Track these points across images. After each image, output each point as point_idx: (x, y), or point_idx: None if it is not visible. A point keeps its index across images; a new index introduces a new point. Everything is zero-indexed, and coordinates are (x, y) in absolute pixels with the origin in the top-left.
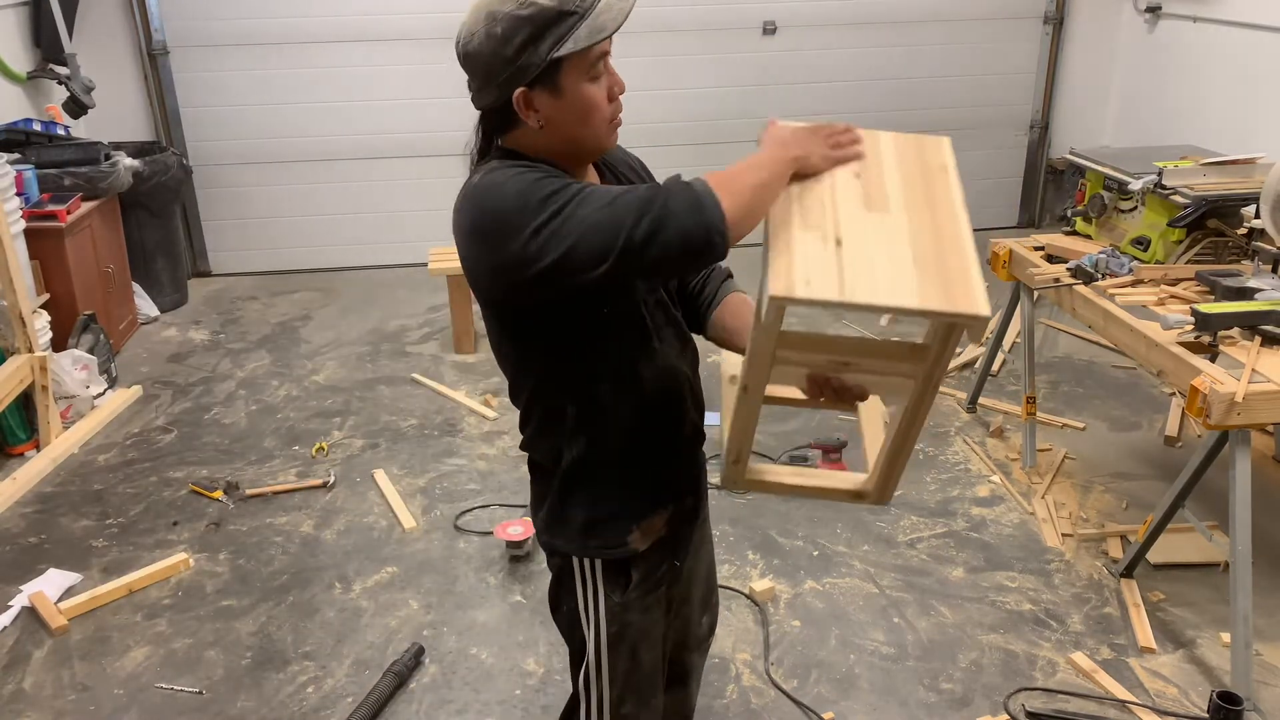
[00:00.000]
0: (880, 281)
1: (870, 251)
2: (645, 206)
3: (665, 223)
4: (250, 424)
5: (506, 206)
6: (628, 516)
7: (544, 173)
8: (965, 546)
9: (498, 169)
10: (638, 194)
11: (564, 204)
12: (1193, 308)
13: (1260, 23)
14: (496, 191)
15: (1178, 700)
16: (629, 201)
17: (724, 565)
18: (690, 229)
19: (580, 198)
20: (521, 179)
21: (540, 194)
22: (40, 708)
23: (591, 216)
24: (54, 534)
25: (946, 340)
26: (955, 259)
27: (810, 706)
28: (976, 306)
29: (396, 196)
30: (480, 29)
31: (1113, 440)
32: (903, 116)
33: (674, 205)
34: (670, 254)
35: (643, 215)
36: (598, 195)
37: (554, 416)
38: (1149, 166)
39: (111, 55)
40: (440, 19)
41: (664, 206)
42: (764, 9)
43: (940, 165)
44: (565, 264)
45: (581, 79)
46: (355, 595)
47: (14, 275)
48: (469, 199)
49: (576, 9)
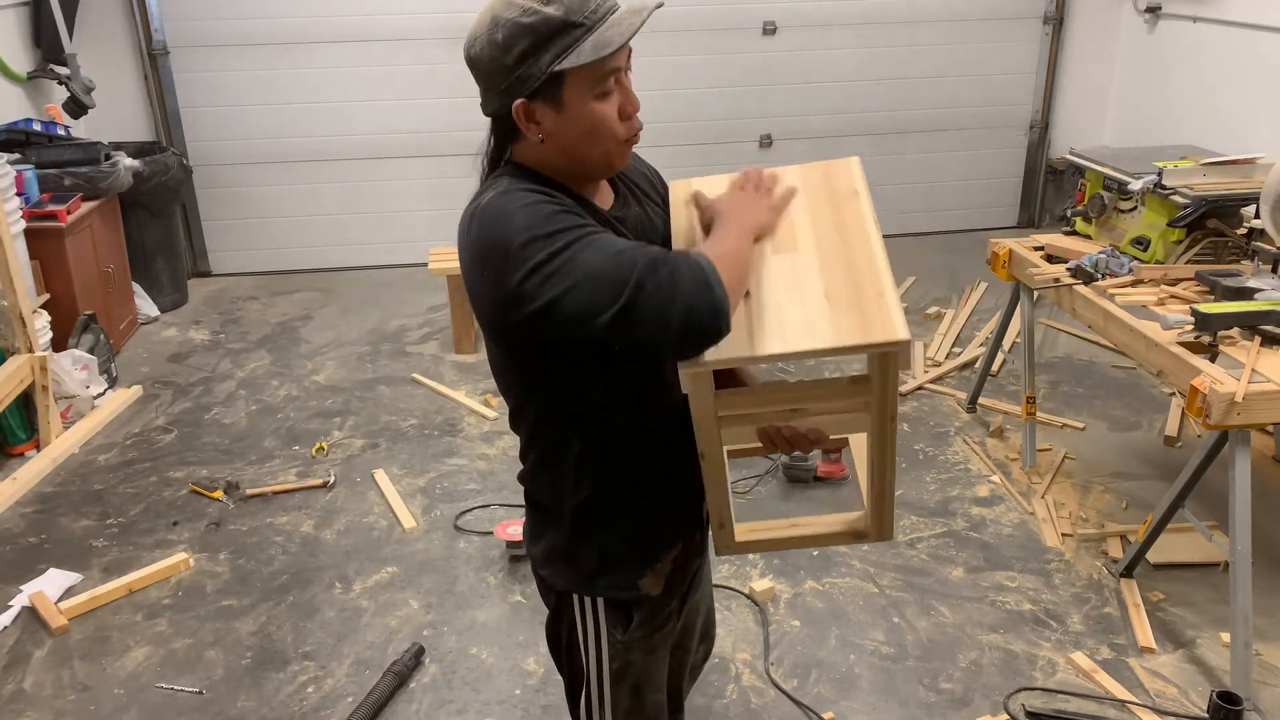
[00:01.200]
0: (791, 328)
1: (779, 299)
2: (651, 269)
3: (672, 294)
4: (250, 424)
5: (511, 238)
6: (640, 560)
7: (557, 205)
8: (965, 546)
9: (510, 192)
10: (646, 254)
11: (568, 244)
12: (1193, 308)
13: (1260, 23)
14: (505, 221)
15: (1178, 700)
16: (635, 260)
17: (724, 565)
18: (696, 306)
19: (585, 241)
20: (533, 211)
21: (546, 230)
22: (40, 708)
23: (594, 265)
24: (54, 534)
25: (885, 369)
26: (870, 286)
27: (810, 706)
28: (893, 333)
29: (396, 196)
30: (483, 34)
31: (1113, 440)
32: (903, 117)
33: (682, 278)
34: (669, 328)
35: (647, 278)
36: (604, 244)
37: (558, 451)
38: (1149, 166)
39: (111, 55)
40: (440, 19)
41: (671, 276)
42: (764, 9)
43: (850, 189)
44: (557, 310)
45: (587, 95)
46: (355, 595)
47: (14, 275)
48: (478, 222)
49: (584, 21)
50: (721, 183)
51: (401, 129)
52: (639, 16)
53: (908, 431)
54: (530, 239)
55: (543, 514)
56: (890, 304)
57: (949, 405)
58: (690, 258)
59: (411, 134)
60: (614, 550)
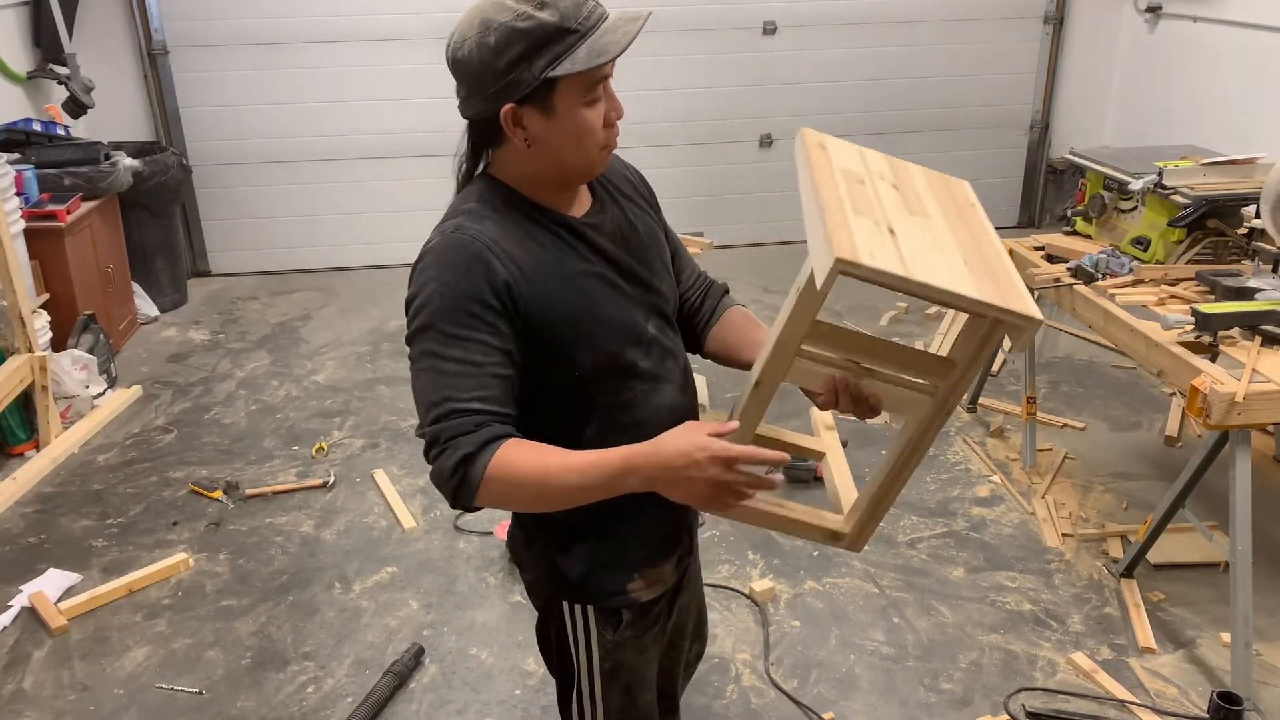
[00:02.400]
0: (938, 269)
1: (923, 244)
2: (434, 440)
3: (433, 471)
4: (250, 424)
5: (412, 302)
6: (629, 567)
7: (470, 296)
8: (965, 546)
9: (461, 245)
10: (443, 428)
11: (424, 352)
12: (1193, 308)
13: (1260, 23)
14: (424, 282)
15: (1178, 700)
16: (434, 423)
17: (724, 565)
18: (441, 488)
19: (432, 363)
20: (448, 288)
21: (430, 320)
22: (40, 708)
23: (418, 388)
24: (54, 534)
25: (980, 348)
26: (1001, 270)
27: (810, 706)
28: (1028, 309)
29: (396, 196)
30: (472, 36)
31: (1113, 440)
32: (903, 116)
33: (437, 475)
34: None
35: (430, 441)
36: (437, 378)
37: None
38: (1149, 166)
39: (111, 55)
40: (440, 19)
41: (437, 464)
42: (764, 9)
43: (969, 202)
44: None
45: (577, 102)
46: (355, 595)
47: (14, 275)
48: (431, 249)
49: (578, 27)
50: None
51: (401, 129)
52: (634, 25)
53: None
54: (418, 313)
55: (530, 526)
56: (1023, 288)
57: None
58: (465, 466)
59: (411, 134)
60: (602, 560)
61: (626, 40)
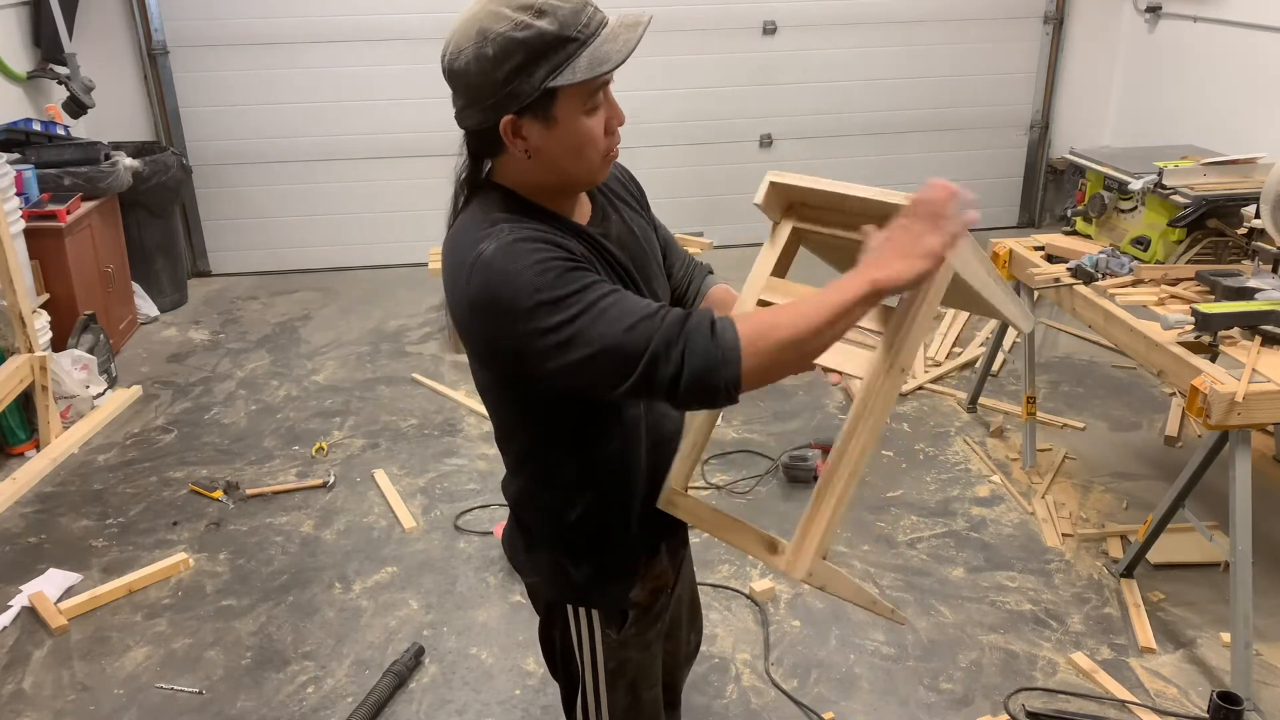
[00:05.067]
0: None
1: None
2: (665, 347)
3: (680, 375)
4: (250, 424)
5: (520, 299)
6: (634, 569)
7: (565, 258)
8: (965, 546)
9: (514, 244)
10: (662, 328)
11: (579, 312)
12: (1193, 308)
13: (1260, 23)
14: (512, 280)
15: (1178, 700)
16: (649, 334)
17: (724, 565)
18: (703, 385)
19: (597, 310)
20: (542, 269)
21: (556, 293)
22: (40, 708)
23: (608, 338)
24: (54, 534)
25: (916, 300)
26: None
27: (810, 706)
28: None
29: (396, 196)
30: (469, 47)
31: (1113, 440)
32: (903, 116)
33: (693, 360)
34: (676, 399)
35: (658, 358)
36: (616, 312)
37: (553, 475)
38: (1149, 166)
39: (111, 55)
40: (440, 19)
41: (683, 355)
42: (764, 9)
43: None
44: (565, 377)
45: (578, 111)
46: (355, 595)
47: (14, 275)
48: (481, 276)
49: (577, 35)
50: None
51: (401, 129)
52: (635, 32)
53: (908, 431)
54: (539, 304)
55: (532, 531)
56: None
57: (949, 405)
58: (718, 336)
59: (411, 133)
60: (608, 563)
61: (628, 49)
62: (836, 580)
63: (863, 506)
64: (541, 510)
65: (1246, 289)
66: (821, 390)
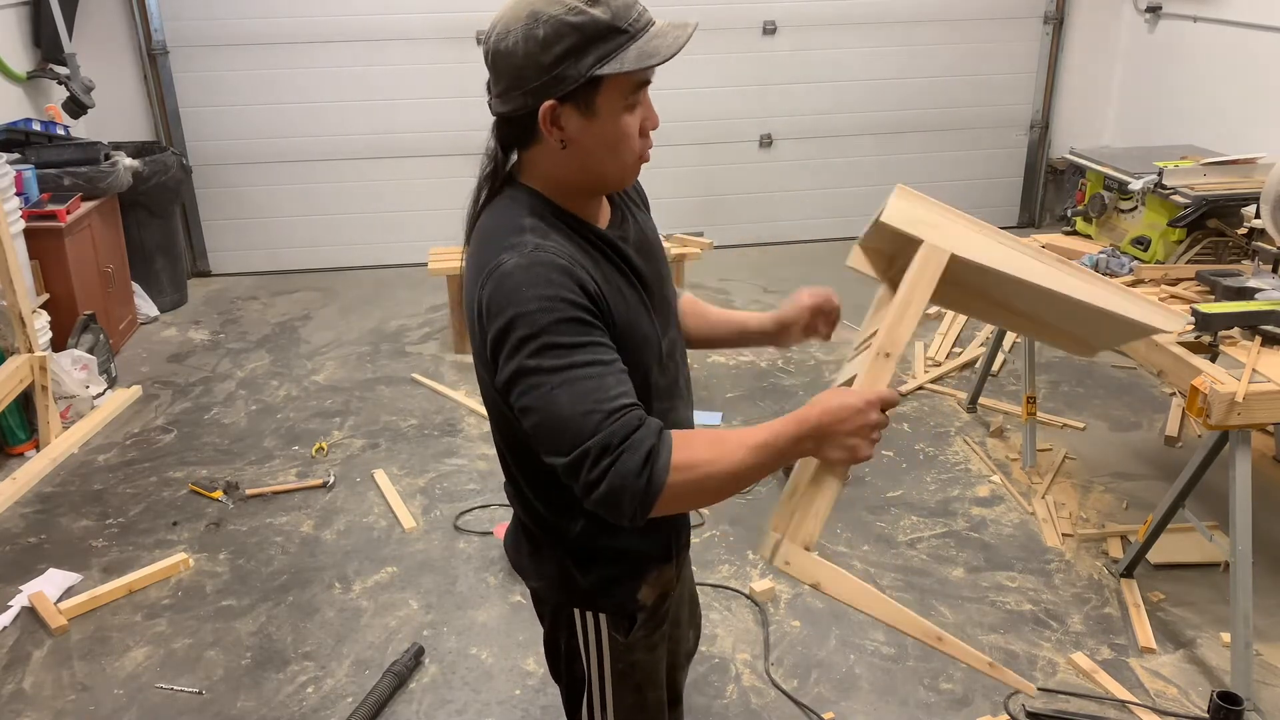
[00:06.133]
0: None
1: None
2: (598, 453)
3: (597, 484)
4: (250, 424)
5: (516, 324)
6: (643, 573)
7: (571, 305)
8: (965, 546)
9: (534, 265)
10: (605, 432)
11: (556, 369)
12: (1193, 308)
13: (1260, 23)
14: (516, 301)
15: (1178, 700)
16: (594, 430)
17: (724, 565)
18: (612, 504)
19: (573, 377)
20: (546, 307)
21: (544, 340)
22: (40, 708)
23: (561, 411)
24: (54, 534)
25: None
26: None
27: (810, 706)
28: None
29: (396, 196)
30: (519, 27)
31: (1113, 440)
32: (903, 116)
33: (614, 480)
34: (587, 502)
35: (586, 457)
36: (585, 388)
37: (556, 485)
38: (1149, 166)
39: (111, 55)
40: (440, 19)
41: (609, 468)
42: (764, 9)
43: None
44: (524, 419)
45: (619, 105)
46: (355, 595)
47: (14, 275)
48: (494, 285)
49: (629, 28)
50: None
51: (401, 129)
52: (684, 32)
53: (908, 431)
54: (526, 336)
55: (538, 536)
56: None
57: (949, 405)
58: (650, 466)
59: (411, 134)
60: (617, 569)
61: (677, 45)
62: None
63: (863, 506)
64: (549, 519)
65: (1246, 289)
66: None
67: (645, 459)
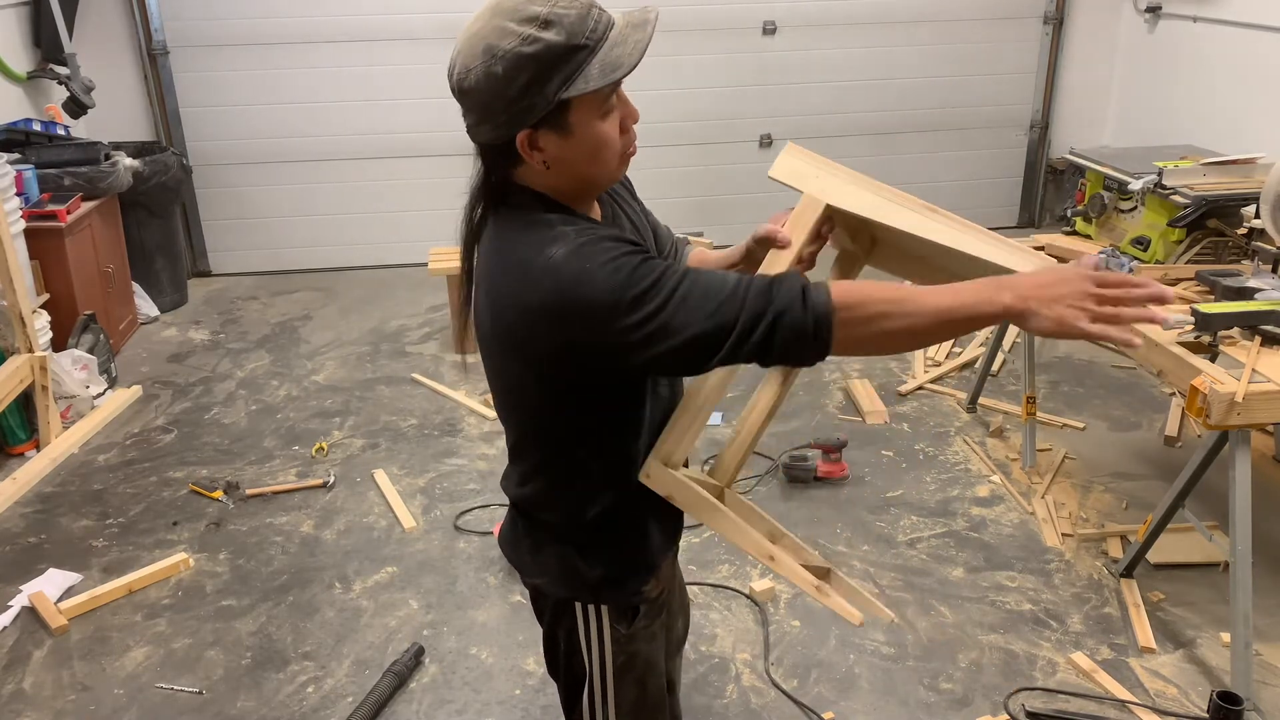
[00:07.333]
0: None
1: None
2: (752, 323)
3: (768, 346)
4: (250, 424)
5: (601, 298)
6: (647, 564)
7: (628, 251)
8: (965, 546)
9: (584, 247)
10: (747, 304)
11: (663, 303)
12: (1193, 308)
13: (1260, 23)
14: (588, 279)
15: (1178, 700)
16: (734, 314)
17: (724, 565)
18: (790, 354)
19: (679, 297)
20: (615, 269)
21: (636, 289)
22: (40, 708)
23: (693, 326)
24: (54, 534)
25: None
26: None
27: (810, 706)
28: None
29: (396, 196)
30: (477, 66)
31: (1113, 440)
32: (903, 117)
33: (782, 333)
34: (767, 363)
35: (748, 333)
36: (696, 297)
37: (576, 474)
38: (1149, 166)
39: (111, 55)
40: (440, 19)
41: (770, 327)
42: (764, 9)
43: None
44: (659, 365)
45: (593, 117)
46: (355, 595)
47: (14, 275)
48: (553, 281)
49: (586, 42)
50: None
51: (401, 129)
52: (644, 32)
53: (908, 431)
54: (619, 301)
55: (544, 530)
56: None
57: (949, 405)
58: (808, 306)
59: (411, 134)
60: (623, 561)
61: (639, 50)
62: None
63: (863, 506)
64: (559, 513)
65: (1246, 289)
66: (821, 390)
67: (802, 299)
